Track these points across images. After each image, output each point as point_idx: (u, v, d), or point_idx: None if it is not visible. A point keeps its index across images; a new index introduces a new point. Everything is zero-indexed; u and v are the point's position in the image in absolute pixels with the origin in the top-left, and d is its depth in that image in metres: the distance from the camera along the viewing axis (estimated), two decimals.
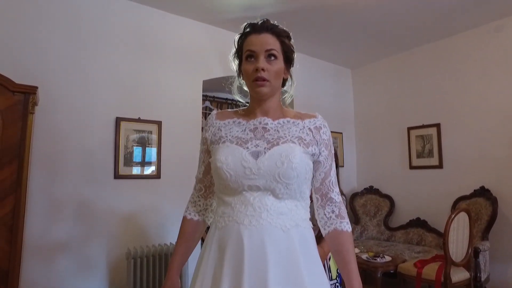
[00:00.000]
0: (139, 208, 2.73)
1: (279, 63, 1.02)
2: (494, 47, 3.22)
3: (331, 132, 3.90)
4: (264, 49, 0.99)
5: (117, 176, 2.63)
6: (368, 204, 3.99)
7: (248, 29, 1.04)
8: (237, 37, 1.08)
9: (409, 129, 3.82)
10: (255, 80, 0.99)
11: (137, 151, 2.74)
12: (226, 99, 4.00)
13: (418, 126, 3.74)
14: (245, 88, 1.11)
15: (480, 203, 3.13)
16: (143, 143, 2.78)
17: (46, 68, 2.35)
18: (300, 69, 3.87)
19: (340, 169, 4.13)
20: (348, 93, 4.47)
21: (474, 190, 3.24)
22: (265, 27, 1.02)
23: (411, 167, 3.78)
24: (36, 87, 1.91)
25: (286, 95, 1.17)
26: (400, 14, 3.10)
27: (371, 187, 4.08)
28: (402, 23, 3.28)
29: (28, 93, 1.88)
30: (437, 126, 3.58)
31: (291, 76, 1.12)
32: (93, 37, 2.58)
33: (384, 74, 4.16)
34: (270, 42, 1.01)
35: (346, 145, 4.26)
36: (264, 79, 0.98)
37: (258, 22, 1.04)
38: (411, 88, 3.86)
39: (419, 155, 3.74)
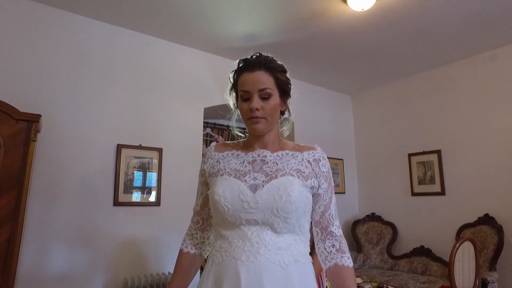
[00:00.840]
0: (138, 236, 2.68)
1: (274, 99, 1.01)
2: (489, 75, 3.28)
3: (332, 158, 3.88)
4: (257, 88, 0.98)
5: (116, 203, 2.60)
6: (370, 232, 3.91)
7: (241, 66, 1.03)
8: (231, 74, 1.08)
9: (410, 155, 3.81)
10: (250, 118, 1.00)
11: (137, 176, 2.74)
12: (227, 126, 4.03)
13: (419, 152, 3.74)
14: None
15: (485, 231, 3.08)
16: (144, 169, 2.78)
17: (49, 95, 2.39)
18: (300, 96, 3.90)
19: (342, 196, 4.10)
20: (348, 119, 4.51)
21: (478, 218, 3.19)
22: (258, 63, 1.00)
23: (413, 193, 3.74)
24: (39, 115, 1.94)
25: (284, 127, 1.17)
26: (397, 43, 3.19)
27: (373, 214, 4.02)
28: (400, 51, 3.36)
29: (31, 121, 1.91)
30: (438, 152, 3.58)
31: (288, 108, 1.11)
32: (96, 66, 2.65)
33: (384, 100, 4.21)
34: (263, 80, 0.99)
35: (347, 172, 4.24)
36: (258, 117, 0.99)
37: (252, 57, 1.03)
38: (411, 114, 3.89)
39: (420, 182, 3.71)
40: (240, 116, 1.09)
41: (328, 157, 1.14)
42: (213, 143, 1.14)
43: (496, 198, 3.14)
